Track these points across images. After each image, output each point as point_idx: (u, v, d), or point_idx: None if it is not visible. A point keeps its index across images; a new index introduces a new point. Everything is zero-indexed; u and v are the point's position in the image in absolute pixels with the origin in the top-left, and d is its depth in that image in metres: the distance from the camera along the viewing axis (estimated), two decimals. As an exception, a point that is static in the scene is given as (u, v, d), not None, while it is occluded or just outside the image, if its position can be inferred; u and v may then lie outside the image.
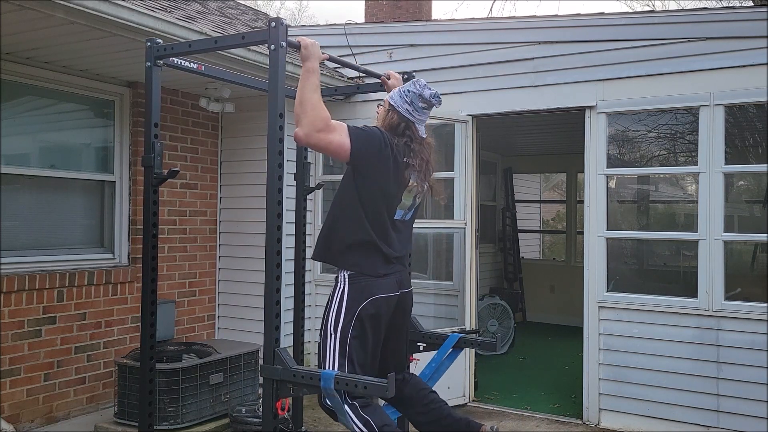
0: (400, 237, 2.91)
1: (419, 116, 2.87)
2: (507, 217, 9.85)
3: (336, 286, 2.80)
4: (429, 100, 2.84)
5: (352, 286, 2.75)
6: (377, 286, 2.77)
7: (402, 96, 2.85)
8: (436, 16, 16.40)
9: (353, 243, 2.77)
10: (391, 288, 2.83)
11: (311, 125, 2.60)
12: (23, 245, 4.62)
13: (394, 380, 2.31)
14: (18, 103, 4.64)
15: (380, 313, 2.77)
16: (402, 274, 2.93)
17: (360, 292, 2.73)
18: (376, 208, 2.77)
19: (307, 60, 2.72)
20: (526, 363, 7.16)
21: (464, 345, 3.27)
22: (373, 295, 2.74)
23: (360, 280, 2.76)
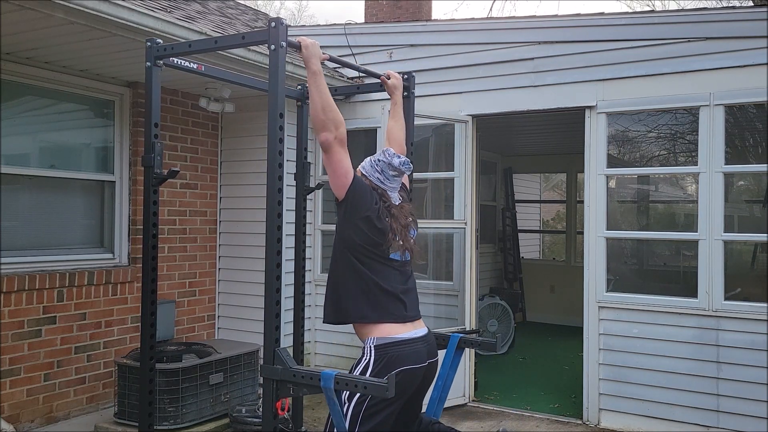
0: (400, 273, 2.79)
1: (390, 184, 2.82)
2: (507, 217, 9.85)
3: (362, 356, 2.64)
4: (398, 168, 2.79)
5: (377, 360, 2.57)
6: (405, 356, 2.59)
7: (372, 165, 2.82)
8: (436, 16, 16.41)
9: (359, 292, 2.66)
10: (419, 358, 2.65)
11: (338, 131, 2.59)
12: (23, 245, 4.62)
13: (393, 380, 2.30)
14: (18, 103, 4.64)
15: (404, 386, 2.57)
16: (429, 340, 2.75)
17: (385, 367, 2.55)
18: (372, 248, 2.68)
19: (310, 61, 2.71)
20: (526, 363, 7.16)
21: (464, 345, 3.26)
22: (399, 366, 2.56)
23: (387, 350, 2.58)
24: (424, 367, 2.68)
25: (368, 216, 2.67)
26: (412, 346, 2.64)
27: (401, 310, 2.70)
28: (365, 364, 2.59)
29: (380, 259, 2.71)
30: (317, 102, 2.61)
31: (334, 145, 2.60)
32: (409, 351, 2.62)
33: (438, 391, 3.06)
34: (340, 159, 2.62)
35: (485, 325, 7.42)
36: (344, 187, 2.66)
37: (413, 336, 2.67)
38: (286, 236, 2.97)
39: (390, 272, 2.73)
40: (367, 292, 2.66)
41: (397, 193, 2.89)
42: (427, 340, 2.74)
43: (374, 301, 2.66)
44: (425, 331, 2.76)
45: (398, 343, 2.61)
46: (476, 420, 5.09)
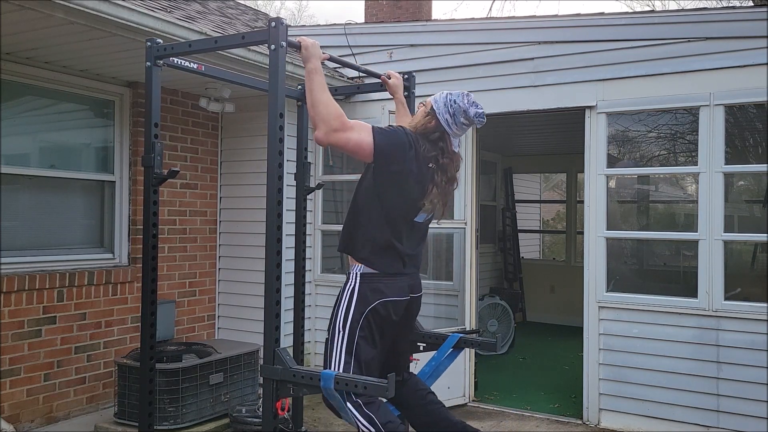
0: (415, 236, 2.88)
1: (457, 130, 2.80)
2: (507, 217, 9.85)
3: (347, 283, 2.78)
4: (472, 118, 2.76)
5: (363, 284, 2.74)
6: (388, 288, 2.75)
7: (447, 104, 2.77)
8: (436, 16, 16.40)
9: (370, 240, 2.76)
10: (402, 291, 2.80)
11: (327, 125, 2.60)
12: (23, 245, 4.62)
13: (394, 380, 2.31)
14: (18, 103, 4.64)
15: (389, 316, 2.75)
16: (414, 277, 2.90)
17: (371, 291, 2.72)
18: (395, 210, 2.75)
19: (309, 61, 2.72)
20: (526, 363, 7.16)
21: (464, 345, 3.26)
22: (384, 297, 2.73)
23: (372, 279, 2.74)
24: (406, 299, 2.83)
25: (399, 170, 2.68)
26: (395, 280, 2.77)
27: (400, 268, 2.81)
28: (350, 289, 2.74)
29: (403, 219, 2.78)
30: (308, 100, 2.66)
31: (331, 139, 2.62)
32: (392, 284, 2.76)
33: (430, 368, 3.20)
34: (347, 141, 2.64)
35: (485, 325, 7.42)
36: (368, 154, 2.68)
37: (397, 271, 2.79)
38: (286, 236, 2.97)
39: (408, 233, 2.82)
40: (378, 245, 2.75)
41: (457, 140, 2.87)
42: (410, 276, 2.86)
43: (381, 254, 2.76)
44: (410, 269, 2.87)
45: (383, 275, 2.75)
46: (476, 420, 5.09)
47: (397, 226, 2.77)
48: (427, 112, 2.81)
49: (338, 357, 2.68)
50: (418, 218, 2.83)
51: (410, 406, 3.00)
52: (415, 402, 2.99)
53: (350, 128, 2.63)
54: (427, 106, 2.84)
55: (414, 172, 2.71)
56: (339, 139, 2.61)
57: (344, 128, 2.62)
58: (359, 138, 2.64)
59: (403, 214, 2.78)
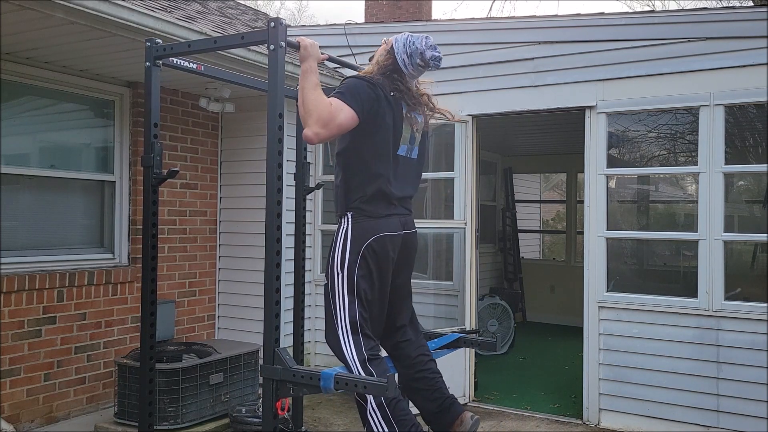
0: (404, 177, 2.91)
1: (413, 71, 2.88)
2: (507, 217, 9.85)
3: (339, 227, 2.82)
4: (428, 60, 2.85)
5: (355, 225, 2.77)
6: (380, 224, 2.78)
7: (405, 45, 2.86)
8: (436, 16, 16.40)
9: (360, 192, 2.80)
10: (394, 227, 2.83)
11: (317, 122, 2.61)
12: (23, 245, 4.62)
13: (394, 380, 2.31)
14: (18, 103, 4.64)
15: (386, 251, 2.78)
16: (406, 217, 2.93)
17: (364, 230, 2.75)
18: (376, 149, 2.79)
19: (305, 61, 2.73)
20: (526, 363, 7.16)
21: (464, 345, 3.27)
22: (378, 232, 2.76)
23: (362, 220, 2.77)
24: (400, 235, 2.86)
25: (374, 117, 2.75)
26: (387, 219, 2.80)
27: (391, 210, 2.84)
28: (344, 233, 2.78)
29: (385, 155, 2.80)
30: (299, 99, 2.68)
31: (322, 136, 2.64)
32: (383, 221, 2.79)
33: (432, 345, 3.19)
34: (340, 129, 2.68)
35: (485, 325, 7.42)
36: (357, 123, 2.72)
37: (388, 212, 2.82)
38: (286, 236, 2.97)
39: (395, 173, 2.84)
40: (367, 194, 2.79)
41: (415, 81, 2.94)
42: (401, 215, 2.89)
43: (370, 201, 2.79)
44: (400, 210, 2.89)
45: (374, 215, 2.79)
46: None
47: (381, 168, 2.79)
48: (387, 50, 2.91)
49: (342, 298, 2.71)
50: (400, 151, 2.86)
51: (408, 365, 2.97)
52: (414, 363, 2.96)
53: (337, 114, 2.65)
54: (388, 43, 2.93)
55: (384, 106, 2.78)
56: (331, 130, 2.64)
57: (332, 117, 2.64)
58: (345, 117, 2.68)
59: (385, 152, 2.81)
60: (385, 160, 2.81)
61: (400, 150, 2.88)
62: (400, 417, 2.64)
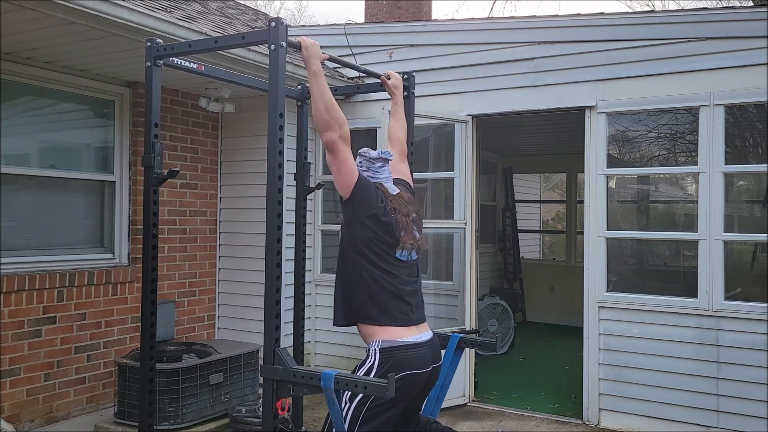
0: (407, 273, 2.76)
1: (381, 174, 2.82)
2: (507, 217, 9.85)
3: (366, 358, 2.60)
4: (379, 156, 2.81)
5: (382, 363, 2.55)
6: (410, 361, 2.57)
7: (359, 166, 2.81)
8: (436, 16, 16.41)
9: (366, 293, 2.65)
10: (424, 363, 2.63)
11: (341, 130, 2.59)
12: (23, 245, 4.62)
13: (393, 381, 2.30)
14: (18, 103, 4.64)
15: (407, 390, 2.57)
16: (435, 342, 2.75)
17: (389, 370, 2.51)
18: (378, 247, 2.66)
19: (310, 61, 2.71)
20: (526, 363, 7.16)
21: (464, 345, 3.26)
22: (405, 371, 2.54)
23: (392, 354, 2.56)
24: (427, 371, 2.66)
25: (375, 213, 2.66)
26: (417, 351, 2.61)
27: (408, 313, 2.67)
28: (369, 367, 2.56)
29: (387, 258, 2.68)
30: (320, 102, 2.61)
31: (338, 144, 2.60)
32: (414, 355, 2.59)
33: (436, 391, 3.04)
34: (345, 158, 2.62)
35: (485, 325, 7.42)
36: (350, 186, 2.65)
37: (418, 340, 2.64)
38: (286, 236, 2.97)
39: (397, 273, 2.70)
40: (375, 294, 2.64)
41: (392, 183, 2.87)
42: (432, 344, 2.71)
43: (381, 304, 2.63)
44: (430, 335, 2.73)
45: (403, 347, 2.59)
46: (476, 420, 5.09)
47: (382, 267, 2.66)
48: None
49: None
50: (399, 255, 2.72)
51: None
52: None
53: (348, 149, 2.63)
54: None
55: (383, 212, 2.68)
56: (343, 150, 2.60)
57: (347, 143, 2.62)
58: (352, 164, 2.65)
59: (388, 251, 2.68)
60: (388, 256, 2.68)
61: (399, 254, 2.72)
62: None
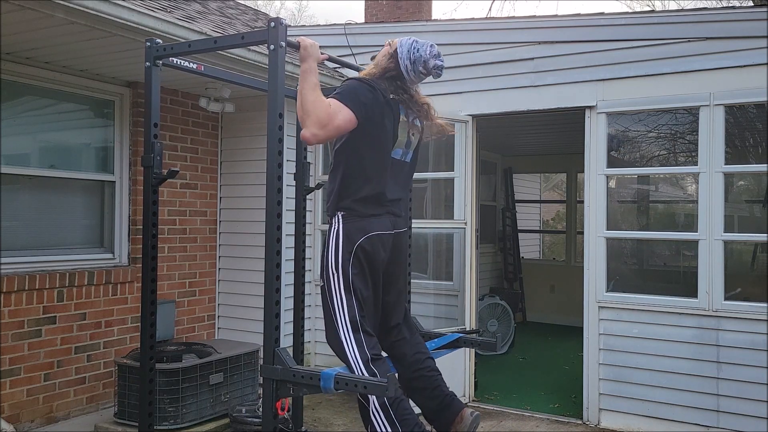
0: (397, 180, 2.93)
1: (414, 77, 2.89)
2: (507, 217, 9.85)
3: (330, 228, 2.83)
4: (430, 69, 2.85)
5: (346, 224, 2.78)
6: (371, 224, 2.79)
7: (410, 50, 2.85)
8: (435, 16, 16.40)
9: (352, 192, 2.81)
10: (385, 226, 2.84)
11: (315, 124, 2.61)
12: (23, 245, 4.62)
13: (395, 380, 2.31)
14: (18, 103, 4.64)
15: (377, 250, 2.80)
16: (396, 217, 2.94)
17: (355, 229, 2.77)
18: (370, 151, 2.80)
19: (305, 61, 2.73)
20: (526, 363, 7.16)
21: (464, 345, 3.26)
22: (369, 232, 2.77)
23: (353, 219, 2.79)
24: (391, 234, 2.87)
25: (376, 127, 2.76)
26: (377, 218, 2.82)
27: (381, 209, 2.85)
28: (336, 234, 2.79)
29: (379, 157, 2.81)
30: (298, 99, 2.67)
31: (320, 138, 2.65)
32: (374, 221, 2.80)
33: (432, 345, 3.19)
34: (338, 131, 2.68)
35: (485, 325, 7.42)
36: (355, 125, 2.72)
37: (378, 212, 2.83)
38: (286, 236, 2.96)
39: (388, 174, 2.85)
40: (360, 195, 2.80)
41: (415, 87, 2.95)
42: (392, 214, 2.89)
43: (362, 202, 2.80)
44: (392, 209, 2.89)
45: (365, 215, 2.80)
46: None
47: (376, 170, 2.81)
48: (391, 53, 2.90)
49: (339, 297, 2.73)
50: (395, 154, 2.88)
51: (406, 364, 2.97)
52: (413, 363, 2.97)
53: (335, 116, 2.66)
54: (392, 46, 2.92)
55: (382, 108, 2.79)
56: (329, 132, 2.65)
57: (330, 118, 2.64)
58: (344, 118, 2.68)
59: (381, 153, 2.82)
60: (380, 162, 2.83)
61: (395, 153, 2.89)
62: (403, 416, 2.64)
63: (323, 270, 2.82)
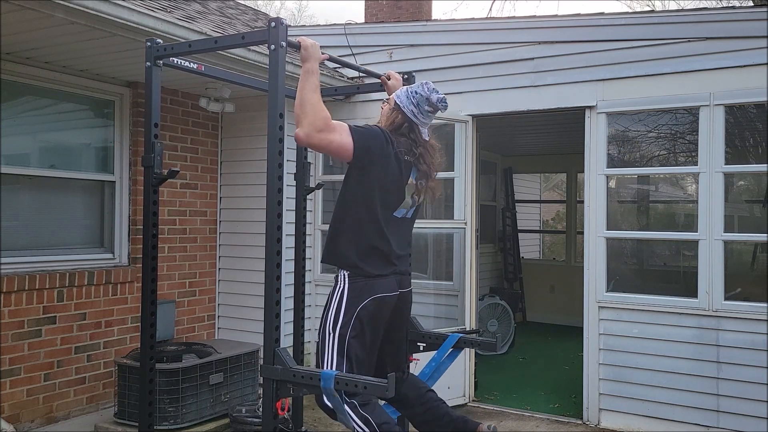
0: (401, 236, 2.91)
1: (423, 119, 2.86)
2: (507, 217, 9.85)
3: (336, 286, 2.80)
4: (436, 104, 2.82)
5: (351, 285, 2.75)
6: (377, 285, 2.76)
7: (409, 97, 2.84)
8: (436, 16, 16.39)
9: (355, 245, 2.77)
10: (390, 288, 2.82)
11: (311, 125, 2.60)
12: (23, 245, 4.62)
13: (394, 380, 2.31)
14: (18, 103, 4.64)
15: (380, 312, 2.77)
16: (402, 275, 2.92)
17: (359, 291, 2.73)
18: (377, 208, 2.76)
19: (306, 61, 2.72)
20: (526, 363, 7.16)
21: (464, 345, 3.26)
22: (373, 294, 2.74)
23: (359, 280, 2.76)
24: (396, 295, 2.84)
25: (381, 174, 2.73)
26: (383, 279, 2.79)
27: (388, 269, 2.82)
28: (340, 293, 2.75)
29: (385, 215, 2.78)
30: (297, 97, 2.65)
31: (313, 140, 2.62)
32: (380, 282, 2.77)
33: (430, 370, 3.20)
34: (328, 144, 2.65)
35: (485, 325, 7.42)
36: (348, 154, 2.70)
37: (385, 272, 2.80)
38: (286, 236, 2.97)
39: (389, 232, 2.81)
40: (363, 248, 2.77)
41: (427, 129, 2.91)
42: (398, 272, 2.87)
43: (367, 257, 2.77)
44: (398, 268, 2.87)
45: (370, 275, 2.76)
46: (476, 420, 5.08)
47: (381, 226, 2.77)
48: (392, 108, 2.89)
49: (330, 358, 2.69)
50: (398, 213, 2.85)
51: (411, 404, 3.01)
52: (416, 400, 3.00)
53: (333, 129, 2.64)
54: (390, 102, 2.91)
55: (393, 167, 2.76)
56: (321, 140, 2.61)
57: (328, 129, 2.62)
58: (341, 140, 2.66)
59: (386, 212, 2.79)
60: (386, 217, 2.79)
61: (398, 212, 2.86)
62: None
63: (321, 326, 2.79)
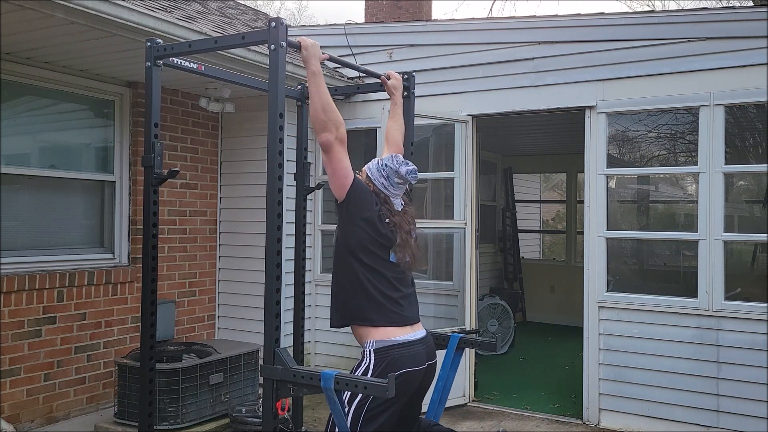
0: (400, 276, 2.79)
1: (394, 190, 2.82)
2: (507, 217, 9.85)
3: (362, 360, 2.63)
4: (405, 176, 2.78)
5: (377, 363, 2.58)
6: (405, 359, 2.60)
7: (379, 170, 2.80)
8: (436, 16, 16.41)
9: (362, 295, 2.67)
10: (419, 360, 2.66)
11: (337, 131, 2.59)
12: (23, 245, 4.62)
13: (393, 381, 2.30)
14: (18, 103, 4.64)
15: (404, 389, 2.57)
16: (428, 340, 2.76)
17: (385, 370, 2.54)
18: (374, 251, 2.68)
19: (310, 62, 2.71)
20: (526, 363, 7.16)
21: (464, 345, 3.26)
22: (400, 369, 2.57)
23: (387, 353, 2.58)
24: (423, 369, 2.68)
25: (369, 216, 2.68)
26: (410, 349, 2.64)
27: (400, 312, 2.70)
28: (365, 368, 2.59)
29: (381, 260, 2.70)
30: (317, 102, 2.61)
31: (334, 146, 2.60)
32: (408, 353, 2.62)
33: (438, 393, 3.06)
34: (341, 159, 2.63)
35: (485, 325, 7.42)
36: (345, 188, 2.66)
37: (412, 338, 2.66)
38: (286, 236, 2.97)
39: (390, 275, 2.73)
40: (369, 295, 2.66)
41: (400, 198, 2.87)
42: (425, 342, 2.74)
43: (375, 304, 2.66)
44: (424, 333, 2.75)
45: (397, 345, 2.61)
46: (476, 420, 5.09)
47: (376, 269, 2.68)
48: (365, 179, 2.85)
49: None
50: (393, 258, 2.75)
51: None
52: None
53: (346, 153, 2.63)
54: (362, 174, 2.87)
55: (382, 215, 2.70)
56: (339, 152, 2.60)
57: (343, 143, 2.62)
58: (348, 167, 2.65)
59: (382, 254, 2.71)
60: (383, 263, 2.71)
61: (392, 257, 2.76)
62: None
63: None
